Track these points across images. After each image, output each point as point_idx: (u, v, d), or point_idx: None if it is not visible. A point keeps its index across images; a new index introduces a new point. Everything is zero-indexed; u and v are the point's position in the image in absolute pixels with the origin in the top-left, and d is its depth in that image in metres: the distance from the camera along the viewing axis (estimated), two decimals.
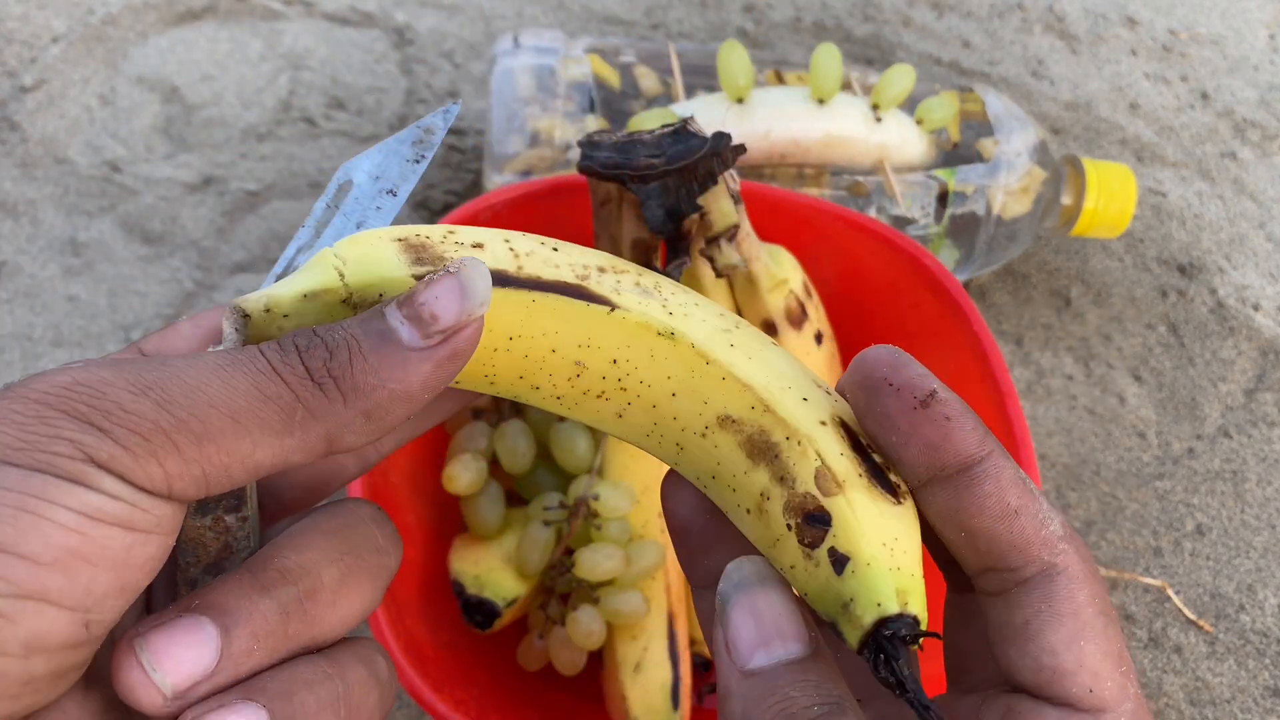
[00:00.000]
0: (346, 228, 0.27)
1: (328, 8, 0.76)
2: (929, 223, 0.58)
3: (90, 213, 0.65)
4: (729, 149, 0.40)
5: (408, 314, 0.22)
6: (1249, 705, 0.53)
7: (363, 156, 0.29)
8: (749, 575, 0.23)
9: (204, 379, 0.21)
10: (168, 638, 0.21)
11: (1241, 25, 0.84)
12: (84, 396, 0.20)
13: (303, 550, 0.24)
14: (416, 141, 0.29)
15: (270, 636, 0.22)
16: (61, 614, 0.19)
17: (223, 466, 0.21)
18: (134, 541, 0.20)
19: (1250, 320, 0.67)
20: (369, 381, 0.22)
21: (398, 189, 0.28)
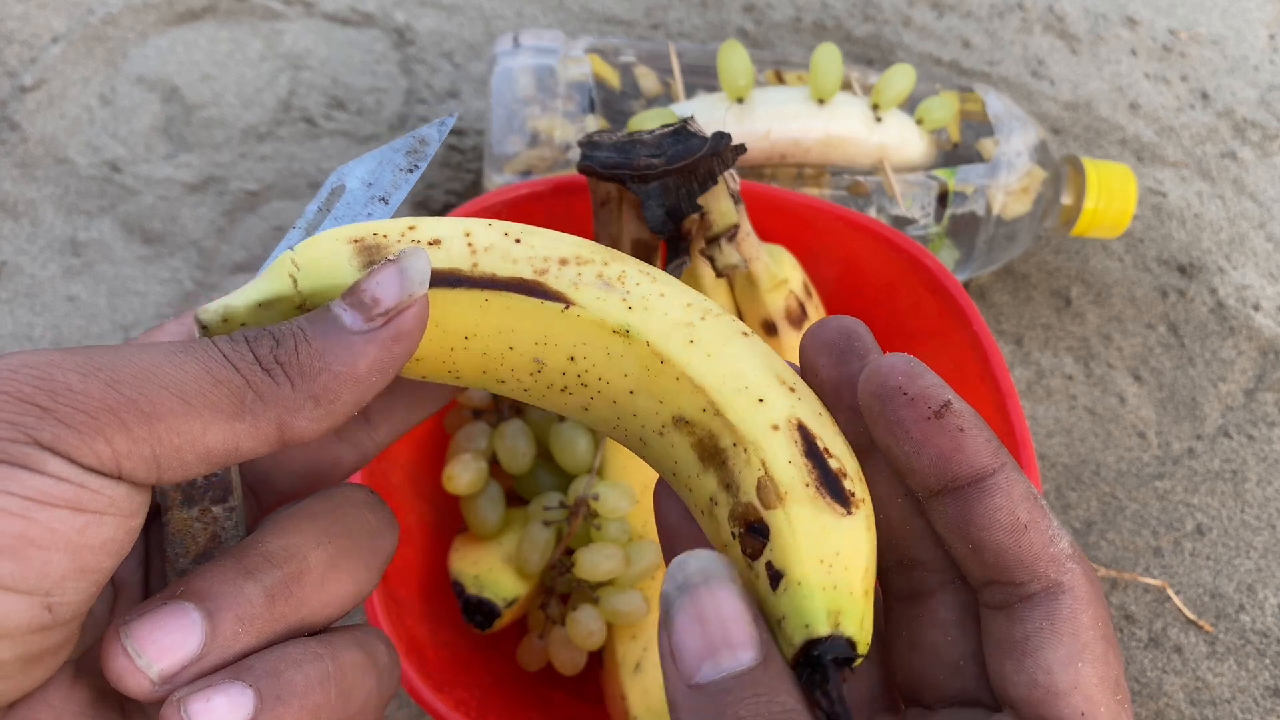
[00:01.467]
0: None
1: (328, 8, 0.76)
2: (929, 223, 0.58)
3: (90, 213, 0.65)
4: (729, 149, 0.40)
5: (350, 301, 0.23)
6: (1249, 705, 0.53)
7: (356, 162, 0.29)
8: (693, 574, 0.21)
9: (154, 362, 0.21)
10: (152, 624, 0.21)
11: (1242, 25, 0.84)
12: (28, 378, 0.20)
13: (288, 534, 0.24)
14: (411, 151, 0.29)
15: (256, 620, 0.22)
16: (18, 598, 0.19)
17: (173, 448, 0.21)
18: (86, 523, 0.20)
19: (1250, 320, 0.67)
20: (314, 365, 0.22)
21: (389, 197, 0.28)
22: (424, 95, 0.72)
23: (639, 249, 0.43)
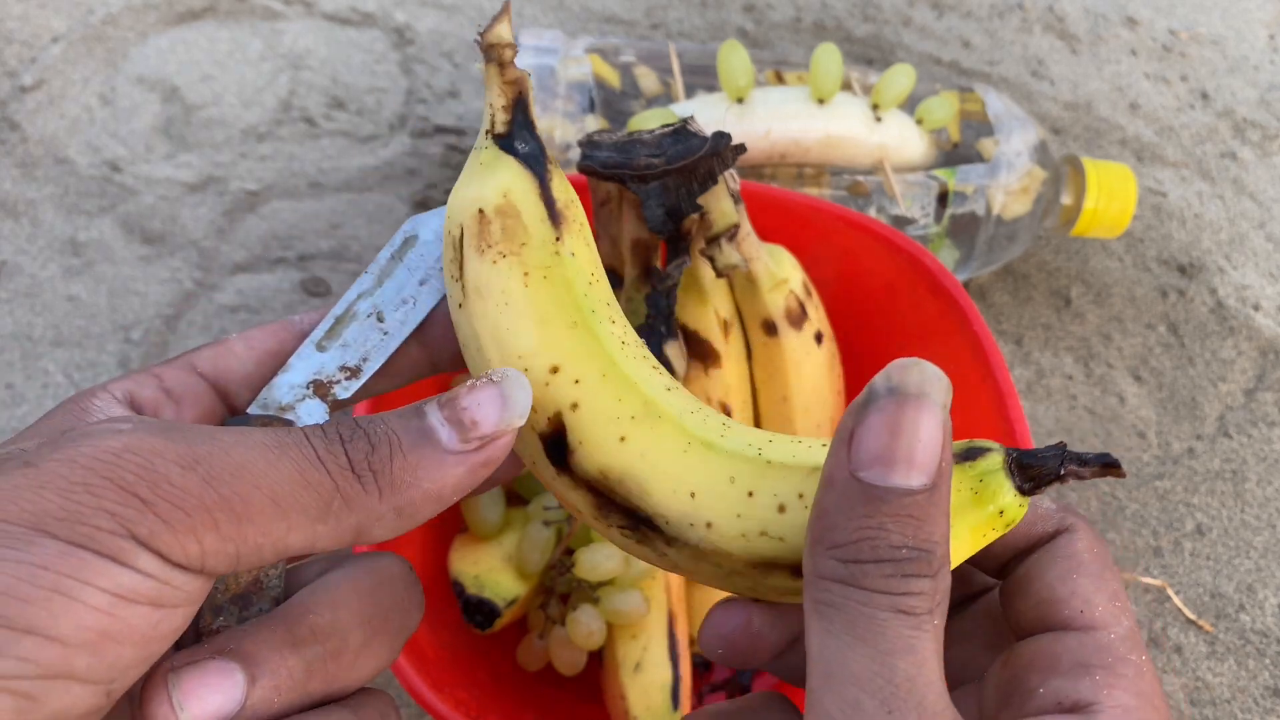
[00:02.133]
0: (409, 281, 0.28)
1: (328, 7, 0.76)
2: (929, 222, 0.58)
3: (90, 213, 0.65)
4: (729, 149, 0.40)
5: (448, 416, 0.23)
6: (1249, 705, 0.53)
7: (432, 214, 0.29)
8: (911, 383, 0.21)
9: (251, 458, 0.21)
10: (198, 679, 0.22)
11: (1242, 25, 0.84)
12: (132, 466, 0.20)
13: (336, 608, 0.24)
14: None
15: (292, 691, 0.23)
16: (86, 689, 0.20)
17: (256, 547, 0.21)
18: (162, 618, 0.21)
19: (1250, 320, 0.67)
20: (405, 479, 0.22)
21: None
22: (424, 95, 0.72)
23: (639, 249, 0.43)
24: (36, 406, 0.57)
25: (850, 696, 0.20)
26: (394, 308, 0.28)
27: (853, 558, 0.20)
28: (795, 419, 0.47)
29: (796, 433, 0.47)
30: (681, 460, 0.25)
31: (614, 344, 0.26)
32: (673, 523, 0.24)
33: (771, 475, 0.24)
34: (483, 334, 0.25)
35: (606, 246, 0.45)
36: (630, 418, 0.25)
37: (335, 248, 0.64)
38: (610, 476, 0.25)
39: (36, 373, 0.59)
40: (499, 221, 0.26)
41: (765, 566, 0.24)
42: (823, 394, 0.47)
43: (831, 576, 0.21)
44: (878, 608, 0.20)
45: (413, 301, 0.28)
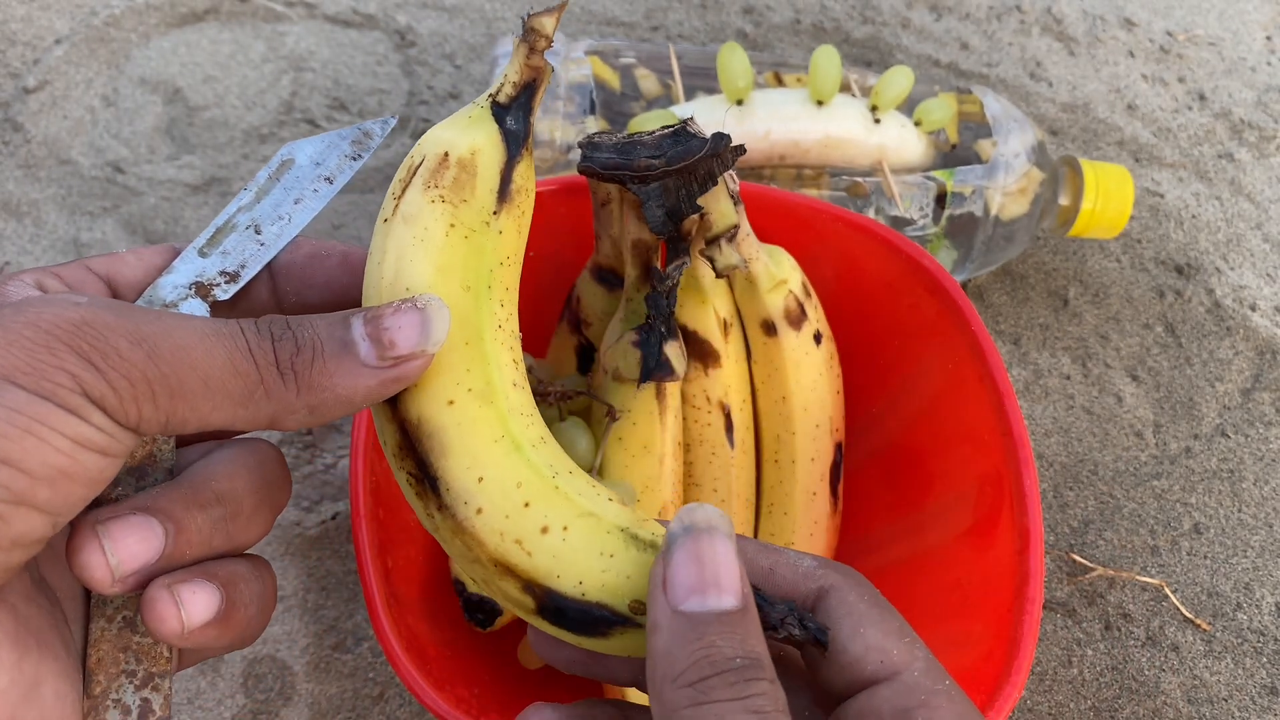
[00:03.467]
0: (285, 200, 0.31)
1: (330, 9, 0.76)
2: (927, 223, 0.58)
3: (93, 213, 0.65)
4: (728, 150, 0.40)
5: (370, 332, 0.25)
6: (1246, 704, 0.53)
7: (305, 141, 0.32)
8: (700, 520, 0.24)
9: (190, 342, 0.24)
10: (125, 529, 0.25)
11: (1239, 27, 0.84)
12: (89, 336, 0.23)
13: (232, 479, 0.28)
14: (356, 141, 0.32)
15: (200, 545, 0.27)
16: (43, 518, 0.23)
17: (182, 419, 0.24)
18: (106, 465, 0.24)
19: (1247, 320, 0.67)
20: (321, 382, 0.25)
21: (334, 178, 0.32)
22: (425, 97, 0.73)
23: (639, 249, 0.43)
24: None
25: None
26: (270, 222, 0.30)
27: (697, 678, 0.22)
28: (794, 419, 0.47)
29: (795, 432, 0.47)
30: (487, 447, 0.26)
31: (490, 321, 0.27)
32: (452, 493, 0.26)
33: (552, 499, 0.26)
34: (389, 253, 0.27)
35: (607, 247, 0.46)
36: (467, 390, 0.26)
37: None
38: (422, 428, 0.26)
39: None
40: (455, 171, 0.27)
41: (504, 569, 0.26)
42: (821, 394, 0.48)
43: (685, 704, 0.22)
44: (735, 713, 0.22)
45: (288, 218, 0.31)
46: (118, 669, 0.27)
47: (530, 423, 0.27)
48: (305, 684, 0.50)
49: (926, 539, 0.48)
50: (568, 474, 0.27)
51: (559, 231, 0.51)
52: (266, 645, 0.51)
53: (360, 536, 0.42)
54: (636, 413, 0.43)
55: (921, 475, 0.49)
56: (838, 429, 0.49)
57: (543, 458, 0.27)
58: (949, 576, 0.45)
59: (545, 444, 0.27)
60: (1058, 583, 0.56)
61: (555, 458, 0.27)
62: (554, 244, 0.51)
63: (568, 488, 0.26)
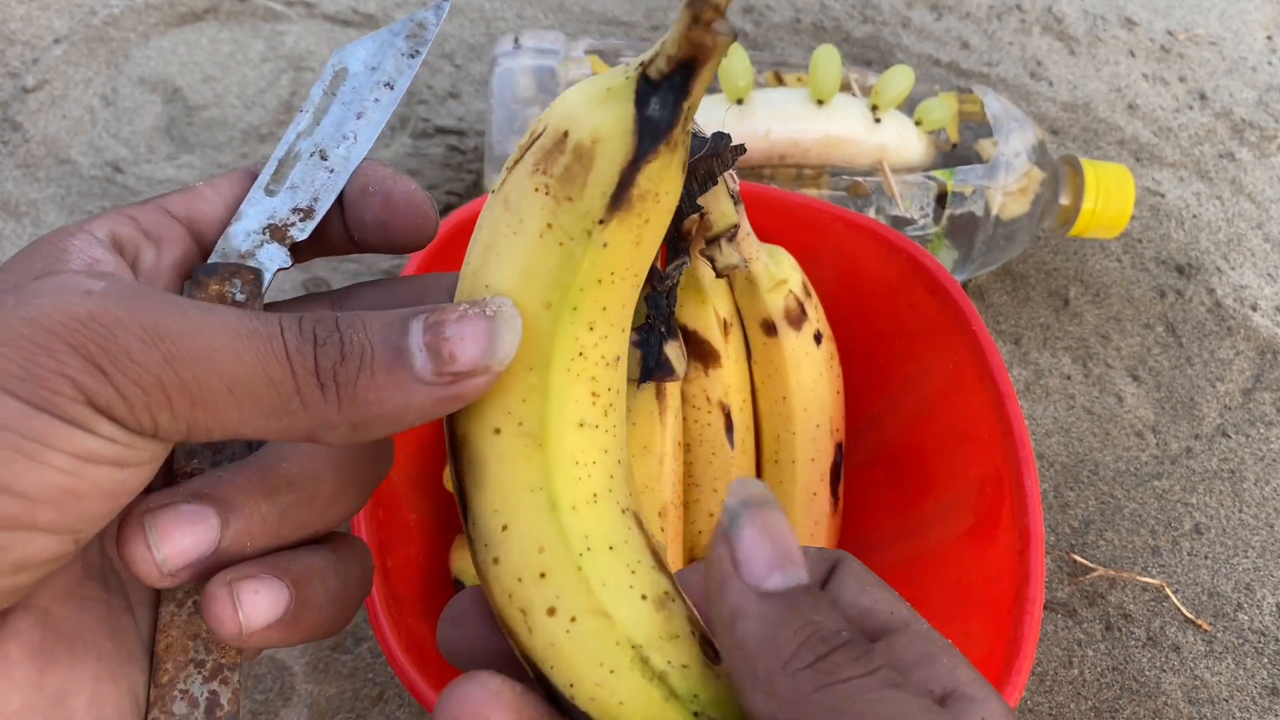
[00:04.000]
0: (346, 117, 0.28)
1: (329, 9, 0.76)
2: (928, 223, 0.58)
3: (92, 213, 0.65)
4: (729, 149, 0.40)
5: (429, 341, 0.22)
6: (1247, 704, 0.53)
7: (356, 44, 0.29)
8: (756, 495, 0.21)
9: (216, 344, 0.21)
10: (173, 521, 0.23)
11: (1239, 26, 0.84)
12: (97, 334, 0.20)
13: (311, 456, 0.25)
14: (410, 35, 0.29)
15: (265, 536, 0.24)
16: (50, 538, 0.21)
17: (205, 429, 0.21)
18: (127, 475, 0.21)
19: (1248, 320, 0.67)
20: (368, 397, 0.22)
21: (394, 82, 0.28)
22: (425, 96, 0.72)
23: None
24: None
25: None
26: (335, 144, 0.28)
27: (815, 657, 0.20)
28: (794, 419, 0.47)
29: (796, 433, 0.47)
30: (521, 495, 0.23)
31: (567, 348, 0.23)
32: (476, 528, 0.23)
33: (570, 580, 0.22)
34: (483, 234, 0.24)
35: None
36: (517, 423, 0.23)
37: None
38: (465, 450, 0.23)
39: None
40: (569, 159, 0.22)
41: (506, 628, 0.23)
42: (822, 394, 0.47)
43: (812, 689, 0.20)
44: (879, 688, 0.20)
45: (353, 136, 0.28)
46: (186, 657, 0.25)
47: (587, 474, 0.23)
48: (304, 684, 0.50)
49: (927, 539, 0.48)
50: (606, 550, 0.23)
51: None
52: None
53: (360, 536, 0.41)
54: (636, 413, 0.43)
55: (922, 475, 0.49)
56: (838, 429, 0.48)
57: (580, 525, 0.23)
58: (949, 577, 0.45)
59: (595, 505, 0.23)
60: (1058, 583, 0.56)
61: (600, 525, 0.23)
62: None
63: (592, 571, 0.22)
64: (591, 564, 0.22)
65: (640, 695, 0.22)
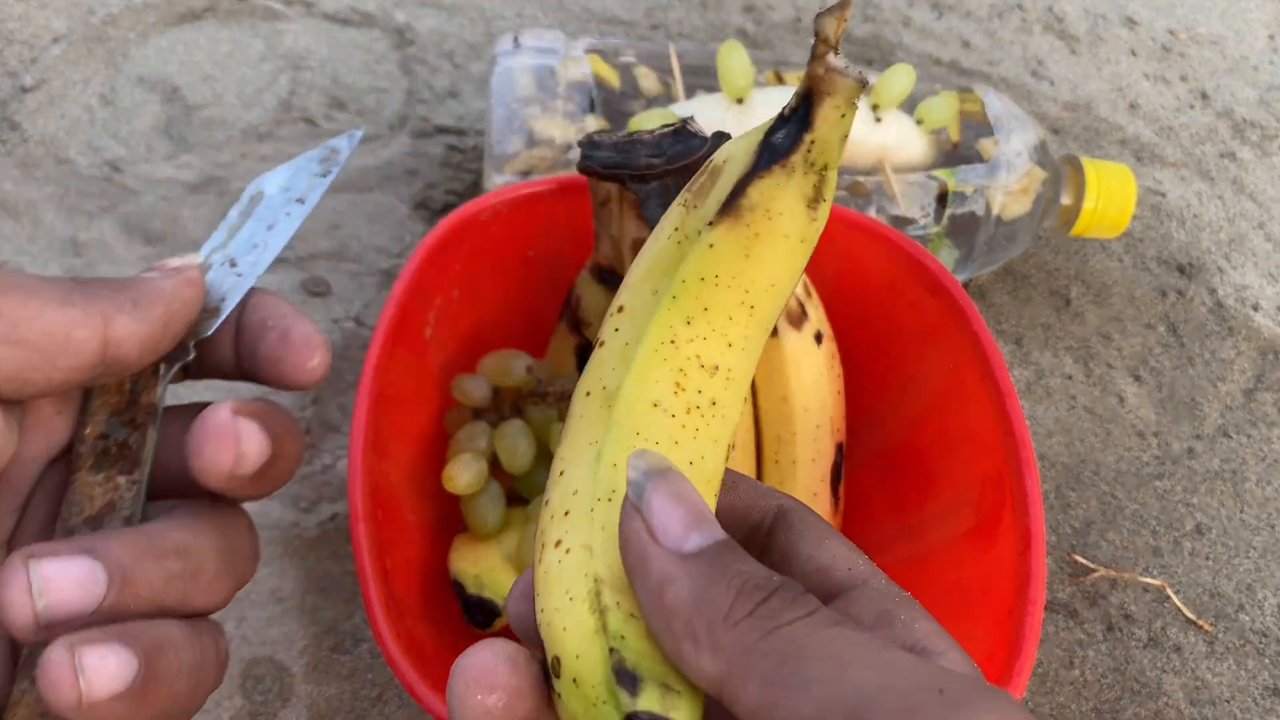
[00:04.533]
0: (258, 230, 0.31)
1: (328, 8, 0.76)
2: (929, 223, 0.58)
3: (91, 213, 0.65)
4: None
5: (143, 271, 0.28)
6: (1248, 705, 0.53)
7: (273, 173, 0.32)
8: (657, 464, 0.22)
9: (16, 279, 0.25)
10: (62, 568, 0.23)
11: (1241, 26, 0.84)
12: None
13: (197, 534, 0.26)
14: (324, 159, 0.33)
15: (149, 601, 0.24)
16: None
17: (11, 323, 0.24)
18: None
19: (1250, 320, 0.67)
20: (131, 281, 0.27)
21: (305, 198, 0.31)
22: (424, 95, 0.72)
23: (639, 249, 0.43)
24: None
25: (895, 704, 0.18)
26: (246, 252, 0.30)
27: (752, 605, 0.20)
28: (795, 419, 0.47)
29: (796, 433, 0.47)
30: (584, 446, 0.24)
31: (661, 332, 0.25)
32: (550, 476, 0.25)
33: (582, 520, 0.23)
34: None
35: (607, 247, 0.45)
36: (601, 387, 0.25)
37: (335, 248, 0.65)
38: (569, 406, 0.25)
39: None
40: (706, 177, 0.25)
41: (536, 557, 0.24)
42: (822, 394, 0.47)
43: (756, 636, 0.20)
44: (820, 626, 0.20)
45: (263, 244, 0.31)
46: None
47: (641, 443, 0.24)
48: (303, 685, 0.50)
49: (928, 540, 0.47)
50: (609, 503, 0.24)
51: (558, 231, 0.50)
52: (265, 646, 0.51)
53: (359, 537, 0.41)
54: None
55: (923, 476, 0.49)
56: (839, 429, 0.48)
57: (612, 480, 0.24)
58: (950, 577, 0.45)
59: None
60: (1059, 584, 0.56)
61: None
62: (553, 244, 0.51)
63: (602, 515, 0.23)
64: (604, 510, 0.23)
65: (580, 625, 0.22)
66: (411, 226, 0.66)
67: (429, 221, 0.66)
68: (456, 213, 0.48)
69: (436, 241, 0.47)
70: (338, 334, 0.61)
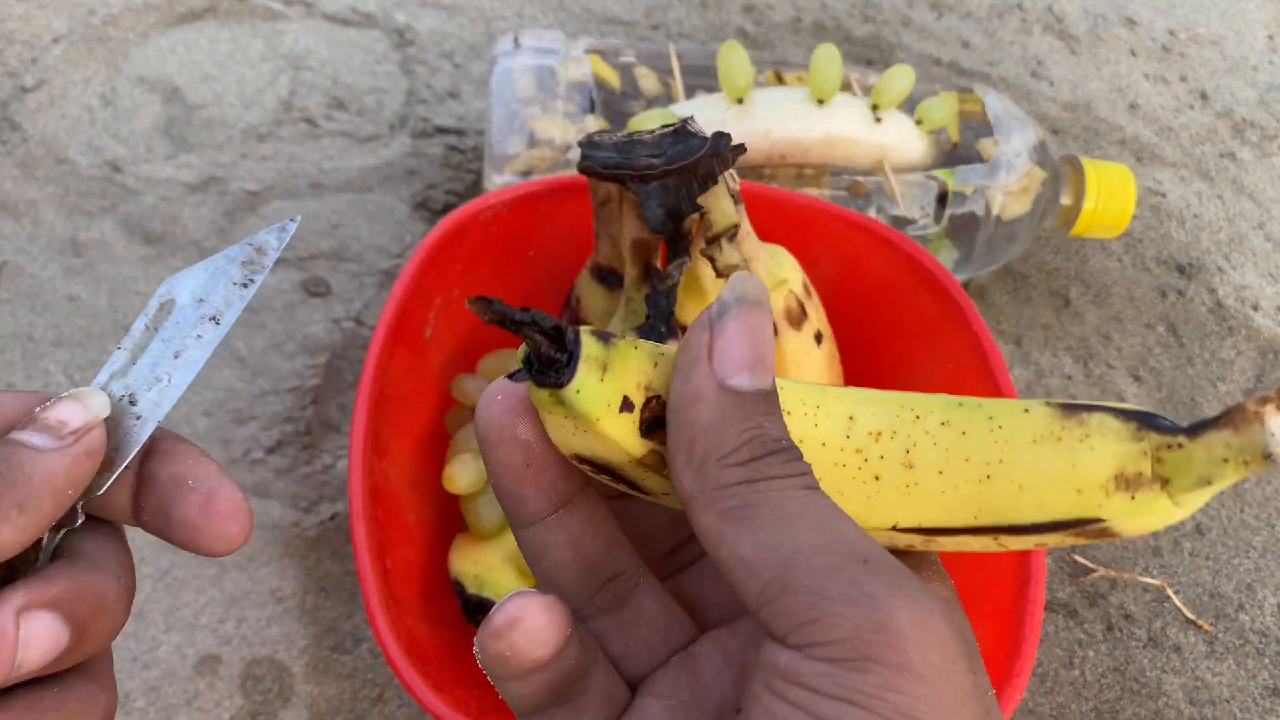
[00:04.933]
0: (164, 355, 0.26)
1: (328, 8, 0.76)
2: (928, 223, 0.58)
3: (91, 213, 0.65)
4: (729, 149, 0.40)
5: (36, 428, 0.24)
6: (1248, 705, 0.53)
7: (187, 273, 0.27)
8: (753, 292, 0.22)
9: None
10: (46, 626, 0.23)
11: (1241, 26, 0.84)
12: None
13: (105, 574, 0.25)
14: (246, 262, 0.27)
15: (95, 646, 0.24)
16: None
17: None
18: None
19: (1249, 320, 0.67)
20: (14, 478, 0.23)
21: (221, 316, 0.27)
22: (424, 95, 0.72)
23: (639, 249, 0.43)
24: None
25: (823, 563, 0.20)
26: (147, 387, 0.26)
27: (749, 457, 0.21)
28: None
29: None
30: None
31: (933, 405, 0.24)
32: None
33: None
34: None
35: (607, 246, 0.45)
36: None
37: (335, 248, 0.65)
38: None
39: (37, 373, 0.59)
40: None
41: None
42: None
43: (735, 481, 0.21)
44: (795, 489, 0.21)
45: (167, 379, 0.26)
46: None
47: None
48: (304, 685, 0.50)
49: None
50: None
51: (558, 231, 0.50)
52: (265, 646, 0.51)
53: (358, 537, 0.41)
54: None
55: None
56: None
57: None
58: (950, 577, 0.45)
59: None
60: (1059, 583, 0.56)
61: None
62: (553, 244, 0.51)
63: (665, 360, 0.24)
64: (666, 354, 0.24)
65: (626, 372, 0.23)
66: (411, 226, 0.66)
67: (429, 221, 0.66)
68: (456, 213, 0.48)
69: (436, 241, 0.47)
70: (338, 334, 0.61)
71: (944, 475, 0.24)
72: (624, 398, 0.23)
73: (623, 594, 0.25)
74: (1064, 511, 0.23)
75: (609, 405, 0.22)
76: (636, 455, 0.23)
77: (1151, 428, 0.23)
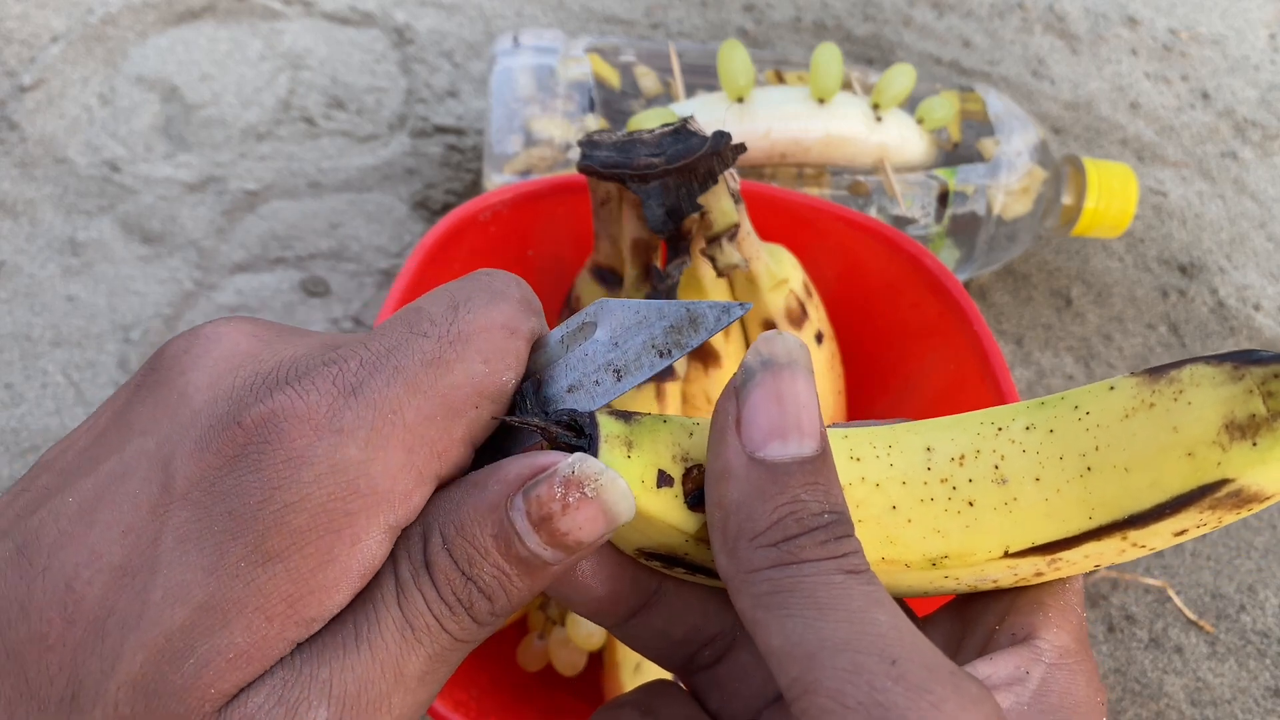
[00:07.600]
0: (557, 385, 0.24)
1: (327, 7, 0.76)
2: (929, 222, 0.58)
3: (89, 212, 0.65)
4: (729, 148, 0.40)
5: (547, 540, 0.21)
6: (1250, 706, 0.53)
7: (621, 305, 0.24)
8: (780, 353, 0.21)
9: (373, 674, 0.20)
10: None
11: (1242, 25, 0.84)
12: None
13: None
14: (674, 328, 0.23)
15: None
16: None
17: None
18: None
19: (1251, 320, 0.67)
20: (510, 598, 0.21)
21: (624, 373, 0.23)
22: (423, 95, 0.72)
23: (639, 248, 0.43)
24: (36, 406, 0.57)
25: (846, 663, 0.18)
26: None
27: (782, 537, 0.20)
28: None
29: None
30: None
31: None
32: None
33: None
34: None
35: (606, 246, 0.45)
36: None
37: (335, 247, 0.64)
38: None
39: (36, 373, 0.59)
40: None
41: None
42: (823, 394, 0.47)
43: (767, 564, 0.20)
44: (830, 574, 0.20)
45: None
46: None
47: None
48: None
49: None
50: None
51: (558, 231, 0.50)
52: None
53: None
54: None
55: None
56: None
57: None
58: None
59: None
60: None
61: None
62: (553, 244, 0.51)
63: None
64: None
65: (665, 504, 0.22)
66: (411, 226, 0.66)
67: (428, 221, 0.66)
68: (456, 212, 0.48)
69: (436, 241, 0.47)
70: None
71: (1041, 481, 0.22)
72: (659, 472, 0.22)
73: (721, 651, 0.25)
74: (1182, 483, 0.21)
75: (642, 481, 0.21)
76: (690, 531, 0.22)
77: (1251, 362, 0.20)
